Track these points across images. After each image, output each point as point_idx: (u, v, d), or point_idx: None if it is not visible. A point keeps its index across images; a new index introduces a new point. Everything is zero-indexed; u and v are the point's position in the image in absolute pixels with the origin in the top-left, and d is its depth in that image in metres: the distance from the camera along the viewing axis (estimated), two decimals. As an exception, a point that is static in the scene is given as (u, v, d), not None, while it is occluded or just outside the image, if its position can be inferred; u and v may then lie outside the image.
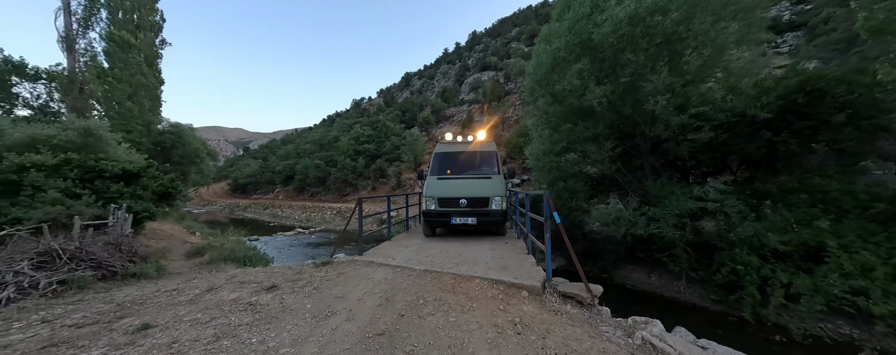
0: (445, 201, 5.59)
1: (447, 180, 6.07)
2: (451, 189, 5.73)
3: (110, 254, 4.88)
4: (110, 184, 7.11)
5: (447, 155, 6.83)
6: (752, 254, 6.25)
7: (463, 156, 6.77)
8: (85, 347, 2.08)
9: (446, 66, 64.48)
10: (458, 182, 5.96)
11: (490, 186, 5.65)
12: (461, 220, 5.41)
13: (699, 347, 2.30)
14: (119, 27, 12.92)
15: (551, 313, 2.64)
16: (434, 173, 6.43)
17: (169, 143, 14.08)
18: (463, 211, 5.43)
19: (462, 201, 5.43)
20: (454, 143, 7.03)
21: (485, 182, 5.82)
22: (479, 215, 5.39)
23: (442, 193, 5.67)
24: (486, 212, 5.39)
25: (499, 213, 5.42)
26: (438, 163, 6.68)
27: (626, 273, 8.98)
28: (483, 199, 5.47)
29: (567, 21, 7.59)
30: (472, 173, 6.35)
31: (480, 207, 5.43)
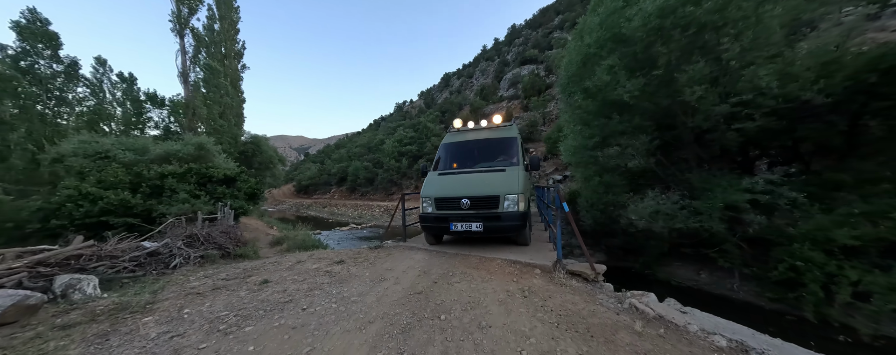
0: (444, 202, 4.46)
1: (450, 175, 4.93)
2: (451, 187, 4.60)
3: (224, 240, 6.50)
4: (217, 186, 9.12)
5: (456, 145, 5.69)
6: (817, 249, 5.84)
7: (474, 145, 5.55)
8: (235, 289, 3.25)
9: (485, 63, 64.25)
10: (461, 177, 4.76)
11: (501, 181, 4.33)
12: (463, 226, 4.20)
13: (678, 311, 2.66)
14: (211, 58, 15.87)
15: (557, 285, 3.19)
16: (439, 168, 5.34)
17: (250, 152, 16.86)
18: (465, 214, 4.23)
19: (464, 202, 4.23)
20: (464, 131, 5.93)
21: (495, 176, 4.51)
22: (485, 219, 4.11)
23: (440, 192, 4.57)
24: (495, 215, 4.07)
25: (514, 216, 4.05)
26: (444, 156, 5.57)
27: (672, 269, 8.71)
28: (491, 199, 4.15)
29: (599, 16, 7.68)
30: (484, 166, 5.04)
31: (487, 209, 4.15)
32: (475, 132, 5.79)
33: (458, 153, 5.57)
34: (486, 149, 5.41)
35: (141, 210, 7.29)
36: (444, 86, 70.40)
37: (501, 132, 5.58)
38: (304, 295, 3.11)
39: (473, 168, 5.08)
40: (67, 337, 2.39)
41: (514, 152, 5.08)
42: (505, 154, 5.12)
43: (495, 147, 5.34)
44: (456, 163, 5.35)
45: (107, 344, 2.29)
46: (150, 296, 3.18)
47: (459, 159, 5.42)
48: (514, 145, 5.23)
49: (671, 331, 2.35)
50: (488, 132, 5.65)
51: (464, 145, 5.64)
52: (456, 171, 5.07)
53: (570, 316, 2.56)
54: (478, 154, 5.40)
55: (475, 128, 5.88)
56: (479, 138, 5.60)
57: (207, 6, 16.31)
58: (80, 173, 8.14)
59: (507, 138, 5.40)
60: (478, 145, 5.53)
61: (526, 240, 4.64)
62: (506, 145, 5.29)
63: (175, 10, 14.13)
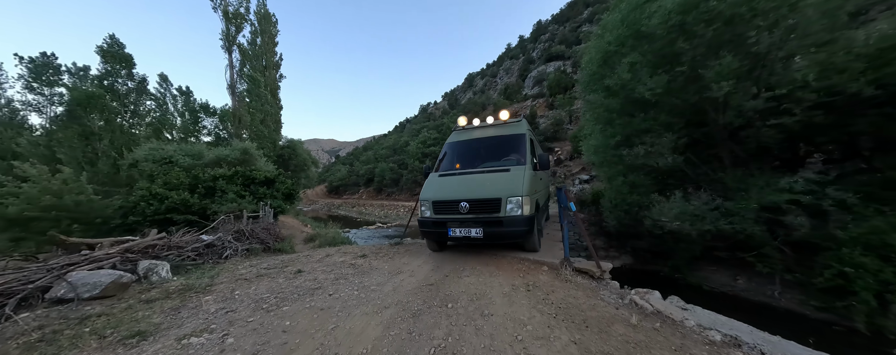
0: (442, 206, 4.16)
1: (450, 177, 4.57)
2: (450, 189, 4.26)
3: (266, 235, 7.27)
4: (259, 187, 10.11)
5: (460, 144, 5.35)
6: (870, 254, 5.36)
7: (479, 143, 5.16)
8: (275, 277, 3.78)
9: (509, 61, 63.40)
10: (462, 178, 4.39)
11: (504, 183, 3.95)
12: (462, 232, 3.87)
13: (679, 308, 2.69)
14: (253, 69, 17.41)
15: (562, 281, 3.34)
16: (440, 169, 5.02)
17: (287, 156, 18.23)
18: (464, 218, 3.89)
19: (462, 205, 3.89)
20: (469, 129, 5.54)
21: (498, 177, 4.14)
22: (486, 225, 3.76)
23: (438, 195, 4.26)
24: (496, 220, 3.72)
25: (518, 221, 3.67)
26: (448, 156, 5.25)
27: (706, 274, 8.26)
28: (491, 202, 3.79)
29: (620, 12, 7.53)
30: (488, 165, 4.67)
31: (488, 213, 3.79)
32: (481, 130, 5.38)
33: (461, 152, 5.20)
34: (492, 147, 5.01)
35: (197, 208, 8.33)
36: (467, 86, 70.51)
37: (508, 129, 5.14)
38: (331, 283, 3.54)
39: (477, 168, 4.64)
40: (150, 308, 2.98)
41: (521, 150, 4.62)
42: (512, 152, 4.69)
43: (501, 145, 4.94)
44: (459, 163, 4.96)
45: (179, 316, 2.84)
46: (209, 280, 3.79)
47: (463, 159, 5.03)
48: (521, 142, 4.77)
49: (667, 325, 2.43)
50: (495, 129, 5.21)
51: (468, 144, 5.24)
52: (457, 172, 4.67)
53: (570, 308, 2.72)
54: (483, 153, 5.01)
55: (480, 126, 5.48)
56: (484, 136, 5.19)
57: (250, 22, 17.95)
58: (151, 176, 9.45)
59: (515, 135, 4.96)
60: (483, 143, 5.12)
61: (534, 246, 4.20)
62: (513, 143, 4.85)
63: (224, 30, 15.75)
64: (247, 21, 17.30)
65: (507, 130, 5.10)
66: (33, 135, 12.69)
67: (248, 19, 17.44)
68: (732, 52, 5.42)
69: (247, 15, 17.18)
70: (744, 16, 5.16)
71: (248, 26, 17.72)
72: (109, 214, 8.25)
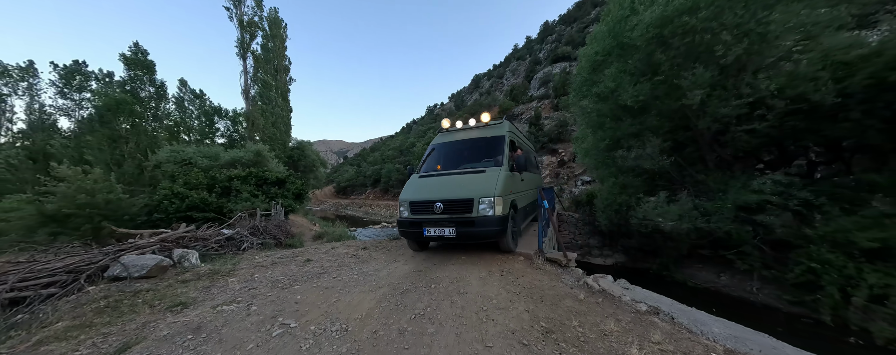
0: (418, 206, 4.28)
1: (428, 178, 4.75)
2: (426, 189, 4.42)
3: (278, 232, 7.93)
4: (271, 187, 10.82)
5: (443, 146, 5.48)
6: (837, 251, 5.74)
7: (461, 145, 5.30)
8: (287, 264, 4.40)
9: (516, 62, 63.74)
10: (439, 179, 4.58)
11: (478, 184, 4.07)
12: (436, 231, 4.02)
13: (622, 288, 3.18)
14: (265, 73, 18.26)
15: (534, 269, 3.86)
16: (421, 170, 5.19)
17: (296, 157, 19.03)
18: (439, 218, 4.03)
19: (437, 205, 4.02)
20: (453, 131, 5.65)
21: (472, 178, 4.27)
22: (458, 224, 3.89)
23: (414, 195, 4.42)
24: (469, 219, 3.83)
25: (490, 221, 3.78)
26: (430, 158, 5.38)
27: (692, 271, 8.67)
28: (464, 202, 3.91)
29: (607, 24, 8.01)
30: (467, 167, 4.80)
31: (461, 213, 3.91)
32: (464, 132, 5.46)
33: (443, 154, 5.33)
34: (472, 149, 5.12)
35: (215, 206, 9.05)
36: (474, 87, 71.01)
37: (489, 131, 5.20)
38: (335, 269, 4.14)
39: (457, 169, 4.78)
40: (187, 286, 3.61)
41: (500, 152, 4.67)
42: (490, 154, 4.75)
43: (481, 147, 5.01)
44: (440, 164, 5.12)
45: (210, 292, 3.46)
46: (231, 266, 4.42)
47: (444, 160, 5.18)
48: (500, 144, 4.81)
49: (607, 300, 2.94)
50: (477, 131, 5.31)
51: (451, 146, 5.38)
52: (436, 173, 4.84)
53: (532, 288, 3.25)
54: (464, 154, 5.14)
55: (463, 128, 5.54)
56: (465, 138, 5.31)
57: (262, 29, 18.82)
58: (172, 176, 10.24)
59: (494, 137, 5.00)
60: (464, 145, 5.26)
61: (508, 247, 4.21)
62: (492, 145, 4.90)
63: (240, 38, 16.63)
64: (260, 29, 18.19)
65: (488, 132, 5.17)
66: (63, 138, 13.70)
67: (261, 27, 18.32)
68: (704, 64, 5.86)
69: (260, 23, 18.07)
70: (713, 29, 5.59)
71: (261, 33, 18.62)
72: (135, 212, 9.03)
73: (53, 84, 14.47)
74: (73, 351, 2.30)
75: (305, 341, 2.33)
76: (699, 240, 7.87)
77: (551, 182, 21.68)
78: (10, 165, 11.28)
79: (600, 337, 2.39)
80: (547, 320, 2.61)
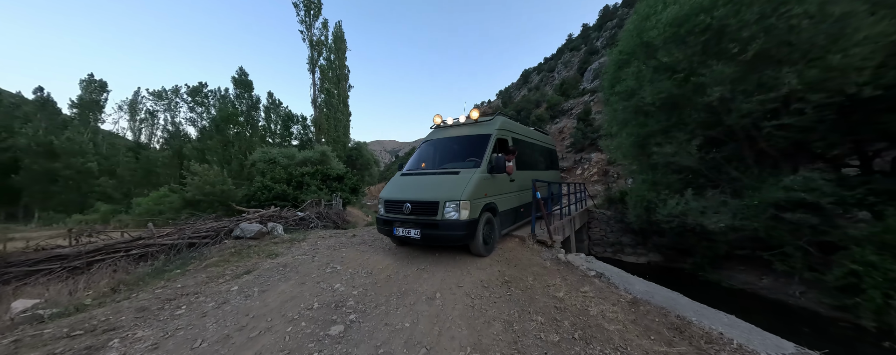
0: (391, 205, 4.31)
1: (408, 177, 4.77)
2: (401, 189, 4.44)
3: (337, 218, 9.85)
4: (332, 182, 13.06)
5: (431, 143, 5.37)
6: (883, 253, 5.33)
7: (448, 143, 5.17)
8: (339, 238, 5.99)
9: (569, 54, 60.50)
10: (416, 179, 4.58)
11: (447, 186, 4.02)
12: (403, 232, 4.06)
13: (585, 261, 3.81)
14: (329, 83, 21.24)
15: (523, 247, 4.70)
16: (406, 168, 5.17)
17: (354, 156, 21.76)
18: (406, 219, 4.04)
19: (406, 206, 4.05)
20: (444, 128, 5.46)
21: (444, 180, 4.22)
22: (423, 226, 3.88)
23: (389, 194, 4.44)
24: (433, 222, 3.81)
25: (454, 225, 3.71)
26: (416, 155, 5.34)
27: (731, 272, 8.28)
28: (430, 204, 3.89)
29: (632, 23, 8.11)
30: (449, 166, 4.73)
31: (427, 215, 3.89)
32: (456, 129, 5.27)
33: (430, 152, 5.26)
34: (458, 147, 4.98)
35: (292, 196, 11.45)
36: (522, 83, 69.38)
37: (477, 128, 4.99)
38: (371, 241, 5.53)
39: (436, 169, 4.76)
40: (276, 246, 5.33)
41: (482, 152, 4.47)
42: (474, 153, 4.55)
43: (466, 145, 4.84)
44: (426, 162, 5.07)
45: (290, 250, 5.10)
46: (303, 236, 6.13)
47: (430, 158, 5.14)
48: (484, 143, 4.57)
49: (567, 268, 3.70)
50: (467, 128, 5.12)
51: (439, 143, 5.26)
52: (416, 172, 4.82)
53: (512, 259, 4.14)
54: (449, 153, 5.06)
55: (454, 125, 5.36)
56: (453, 136, 5.15)
57: (327, 46, 21.90)
58: (262, 173, 13.10)
59: (479, 136, 4.79)
60: (451, 143, 5.12)
61: (479, 252, 4.05)
62: (477, 143, 4.67)
63: (310, 56, 19.78)
64: (325, 47, 21.25)
65: (476, 130, 4.97)
66: (191, 143, 18.17)
67: (327, 44, 21.37)
68: (723, 60, 5.84)
69: (325, 41, 21.11)
70: (730, 26, 5.58)
71: (325, 49, 21.71)
72: (239, 199, 11.89)
73: (185, 101, 19.20)
74: (223, 272, 3.99)
75: (346, 275, 3.66)
76: (737, 241, 7.56)
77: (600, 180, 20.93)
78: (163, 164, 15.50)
79: (544, 286, 3.26)
80: (510, 276, 3.53)
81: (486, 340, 2.34)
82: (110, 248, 4.69)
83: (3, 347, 2.54)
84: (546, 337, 2.42)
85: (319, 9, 20.28)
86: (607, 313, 2.76)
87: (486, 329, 2.50)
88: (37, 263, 4.23)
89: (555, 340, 2.39)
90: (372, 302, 2.99)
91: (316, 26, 19.97)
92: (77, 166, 18.66)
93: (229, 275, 3.91)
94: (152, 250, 4.78)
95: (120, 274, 4.20)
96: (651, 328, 2.54)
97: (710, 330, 2.46)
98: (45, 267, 4.19)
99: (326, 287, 3.35)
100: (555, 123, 34.80)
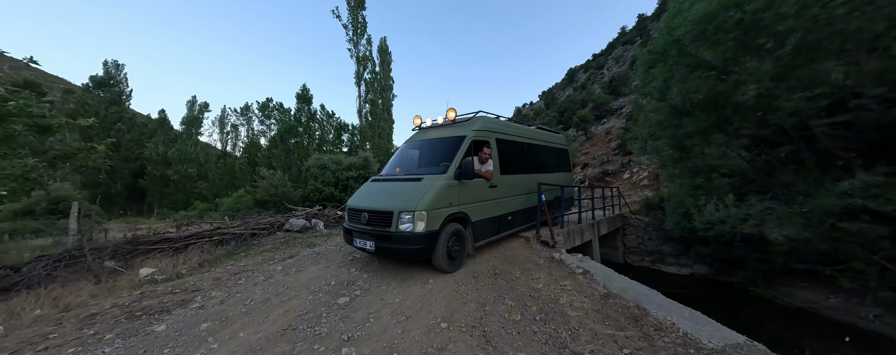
0: (352, 214, 4.10)
1: (376, 183, 4.51)
2: (365, 196, 4.21)
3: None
4: (373, 185, 14.35)
5: (408, 146, 5.11)
6: None
7: (423, 146, 4.86)
8: None
9: (621, 48, 56.15)
10: (382, 186, 4.31)
11: (405, 195, 3.72)
12: (360, 242, 3.82)
13: (577, 260, 3.93)
14: (373, 93, 23.06)
15: (526, 247, 4.96)
16: (382, 172, 4.92)
17: (396, 161, 23.21)
18: (363, 229, 3.81)
19: (364, 215, 3.84)
20: (425, 130, 5.13)
21: (405, 187, 3.93)
22: (378, 238, 3.64)
23: (353, 202, 4.24)
24: (386, 234, 3.57)
25: (408, 239, 3.45)
26: (392, 159, 5.09)
27: (791, 289, 7.32)
28: (385, 215, 3.64)
29: (664, 22, 7.76)
30: (420, 171, 4.45)
31: (381, 227, 3.65)
32: (434, 131, 4.88)
33: (406, 155, 4.97)
34: (432, 151, 4.64)
35: (338, 198, 12.91)
36: (567, 82, 66.14)
37: (454, 130, 4.59)
38: (395, 236, 6.27)
39: (406, 175, 4.42)
40: (316, 238, 6.37)
41: (453, 156, 4.06)
42: (447, 157, 4.16)
43: (440, 149, 4.47)
44: (400, 166, 4.80)
45: (326, 242, 6.05)
46: (338, 232, 7.13)
47: (405, 163, 4.85)
48: (457, 147, 4.17)
49: (558, 265, 3.93)
50: (446, 130, 4.72)
51: (415, 147, 4.97)
52: (386, 178, 4.54)
53: (512, 256, 4.48)
54: (423, 157, 4.77)
55: (433, 126, 5.00)
56: (430, 138, 4.79)
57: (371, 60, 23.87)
58: (315, 177, 14.93)
59: (453, 138, 4.41)
60: (426, 147, 4.80)
61: (440, 266, 3.70)
62: (450, 147, 4.29)
63: (357, 71, 21.85)
64: (370, 61, 23.22)
65: (452, 132, 4.56)
66: (262, 151, 21.30)
67: (371, 59, 23.33)
68: (758, 56, 5.42)
69: (370, 56, 23.09)
70: (764, 21, 5.18)
71: (370, 64, 23.69)
72: (295, 199, 13.74)
73: (256, 115, 22.56)
74: (273, 256, 5.03)
75: (362, 262, 4.40)
76: (797, 253, 6.72)
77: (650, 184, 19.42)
78: (240, 170, 18.46)
79: (528, 279, 3.59)
80: (501, 270, 3.92)
81: (457, 315, 2.82)
82: (200, 235, 6.13)
83: (134, 296, 3.72)
84: (510, 316, 2.81)
85: (365, 27, 22.31)
86: (576, 303, 3.01)
87: (461, 307, 2.96)
88: (154, 244, 5.75)
89: (516, 319, 2.76)
90: (377, 283, 3.64)
91: (361, 43, 22.00)
92: (182, 172, 23.14)
93: (277, 259, 4.92)
94: (227, 238, 6.11)
95: (205, 254, 5.51)
96: (610, 316, 2.74)
97: (663, 320, 2.56)
98: (159, 247, 5.69)
99: (344, 270, 4.10)
100: (601, 124, 32.81)
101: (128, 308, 3.35)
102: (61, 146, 7.42)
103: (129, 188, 24.23)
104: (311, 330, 2.65)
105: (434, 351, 2.27)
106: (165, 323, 2.96)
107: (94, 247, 5.17)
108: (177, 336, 2.70)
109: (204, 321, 2.95)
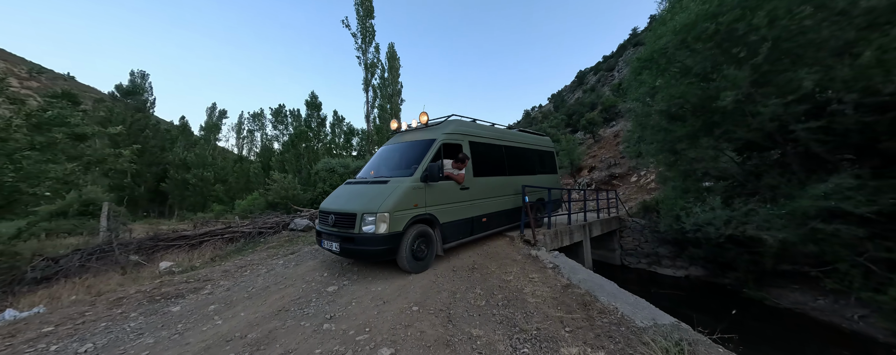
0: (322, 216, 4.18)
1: (348, 186, 4.61)
2: (334, 199, 4.30)
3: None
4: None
5: (384, 150, 5.24)
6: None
7: (397, 149, 4.96)
8: None
9: (632, 50, 55.42)
10: (352, 188, 4.41)
11: (370, 197, 3.81)
12: (327, 244, 3.93)
13: (552, 256, 4.21)
14: (382, 98, 23.75)
15: (509, 246, 5.27)
16: (358, 175, 5.03)
17: (402, 165, 23.78)
18: (329, 231, 3.92)
19: (331, 217, 3.95)
20: (401, 133, 5.30)
21: (371, 190, 4.00)
22: (342, 240, 3.72)
23: (324, 204, 4.31)
24: (349, 236, 3.66)
25: (371, 240, 3.54)
26: (369, 163, 5.19)
27: (782, 290, 7.35)
28: (349, 216, 3.73)
29: (653, 30, 7.99)
30: (390, 174, 4.46)
31: (346, 228, 3.74)
32: (409, 134, 5.04)
33: (382, 159, 5.04)
34: (403, 154, 4.71)
35: (344, 199, 13.51)
36: (577, 84, 65.73)
37: (425, 134, 4.73)
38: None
39: (376, 177, 4.49)
40: (319, 236, 6.84)
41: (421, 159, 4.15)
42: (417, 160, 4.22)
43: (411, 152, 4.56)
44: (375, 170, 4.86)
45: (328, 239, 6.52)
46: (341, 231, 7.61)
47: (379, 166, 4.91)
48: (425, 150, 4.27)
49: (533, 261, 4.23)
50: (419, 133, 4.87)
51: (391, 150, 5.06)
52: (357, 181, 4.66)
53: (493, 253, 4.79)
54: (395, 160, 4.81)
55: (408, 130, 5.17)
56: (403, 142, 4.94)
57: (380, 65, 24.63)
58: (323, 180, 15.58)
59: (423, 141, 4.51)
60: (399, 150, 4.88)
61: (405, 266, 3.77)
62: (419, 150, 4.38)
63: (365, 77, 22.61)
64: (379, 67, 23.97)
65: (423, 135, 4.69)
66: (275, 156, 22.27)
67: (380, 65, 24.08)
68: (733, 65, 5.61)
69: (378, 62, 23.85)
70: (738, 31, 5.38)
71: (378, 70, 24.44)
72: (305, 202, 14.39)
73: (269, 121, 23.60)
74: (277, 252, 5.52)
75: (355, 257, 4.81)
76: (786, 255, 6.78)
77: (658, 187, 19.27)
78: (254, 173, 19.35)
79: (502, 272, 3.92)
80: (479, 265, 4.25)
81: (429, 301, 3.18)
82: (213, 233, 6.71)
83: (155, 284, 4.25)
84: (476, 302, 3.16)
85: (373, 35, 23.08)
86: (538, 292, 3.33)
87: (434, 295, 3.33)
88: (173, 240, 6.35)
89: (481, 304, 3.11)
90: (365, 275, 4.04)
91: (369, 51, 22.77)
92: (200, 176, 24.37)
93: (280, 255, 5.40)
94: (236, 235, 6.66)
95: (217, 250, 6.06)
96: (564, 303, 3.05)
97: (608, 305, 2.83)
98: (177, 243, 6.28)
99: (338, 265, 4.52)
100: (609, 127, 32.57)
101: (149, 293, 3.86)
102: (92, 152, 8.20)
103: (152, 191, 25.66)
104: (301, 310, 3.07)
105: (401, 327, 2.65)
106: (180, 305, 3.44)
107: (121, 243, 5.79)
108: (189, 314, 3.17)
109: (212, 304, 3.42)
